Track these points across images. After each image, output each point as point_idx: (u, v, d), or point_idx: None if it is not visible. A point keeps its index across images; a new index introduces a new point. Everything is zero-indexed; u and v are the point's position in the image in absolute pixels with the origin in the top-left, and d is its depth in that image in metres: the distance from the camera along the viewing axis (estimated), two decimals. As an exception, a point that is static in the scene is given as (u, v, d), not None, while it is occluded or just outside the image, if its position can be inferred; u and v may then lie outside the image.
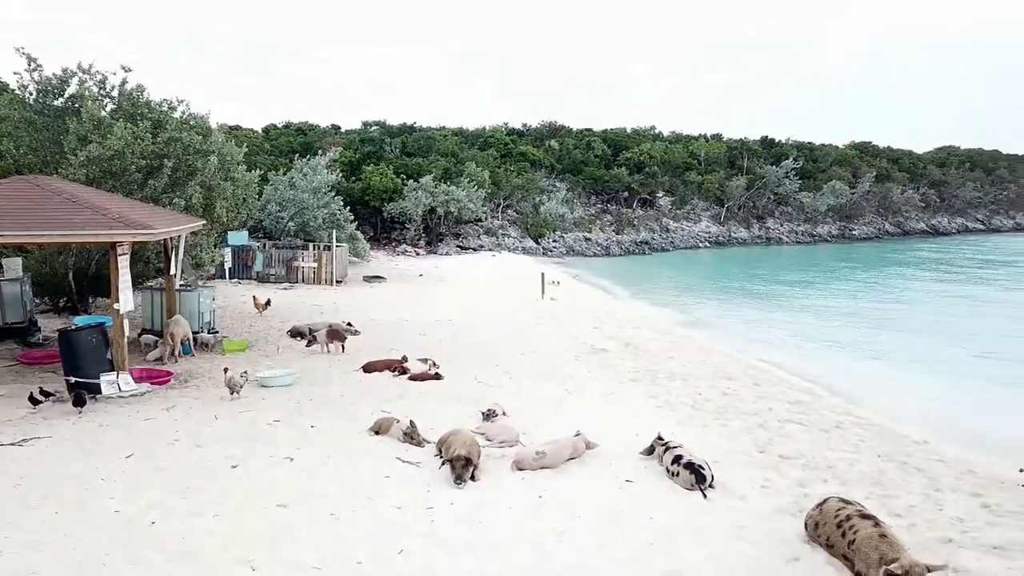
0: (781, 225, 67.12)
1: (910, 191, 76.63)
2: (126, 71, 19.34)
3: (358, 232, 38.57)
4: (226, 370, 13.52)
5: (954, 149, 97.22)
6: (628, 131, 78.24)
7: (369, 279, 32.73)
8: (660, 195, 64.50)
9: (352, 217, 37.99)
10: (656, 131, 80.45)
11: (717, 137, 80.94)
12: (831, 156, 78.38)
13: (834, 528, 7.71)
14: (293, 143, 56.83)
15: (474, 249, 49.51)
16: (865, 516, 7.63)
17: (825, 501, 8.23)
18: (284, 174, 36.76)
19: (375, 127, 73.43)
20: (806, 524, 8.25)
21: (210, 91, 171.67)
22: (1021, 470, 11.04)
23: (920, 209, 77.61)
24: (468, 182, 47.84)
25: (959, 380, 18.08)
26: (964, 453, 12.25)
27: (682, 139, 77.20)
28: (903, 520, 8.76)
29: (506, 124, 76.28)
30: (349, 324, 19.27)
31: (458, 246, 49.31)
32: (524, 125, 76.76)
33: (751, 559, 7.65)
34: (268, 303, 22.77)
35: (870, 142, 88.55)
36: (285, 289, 29.00)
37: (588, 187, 62.28)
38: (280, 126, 71.23)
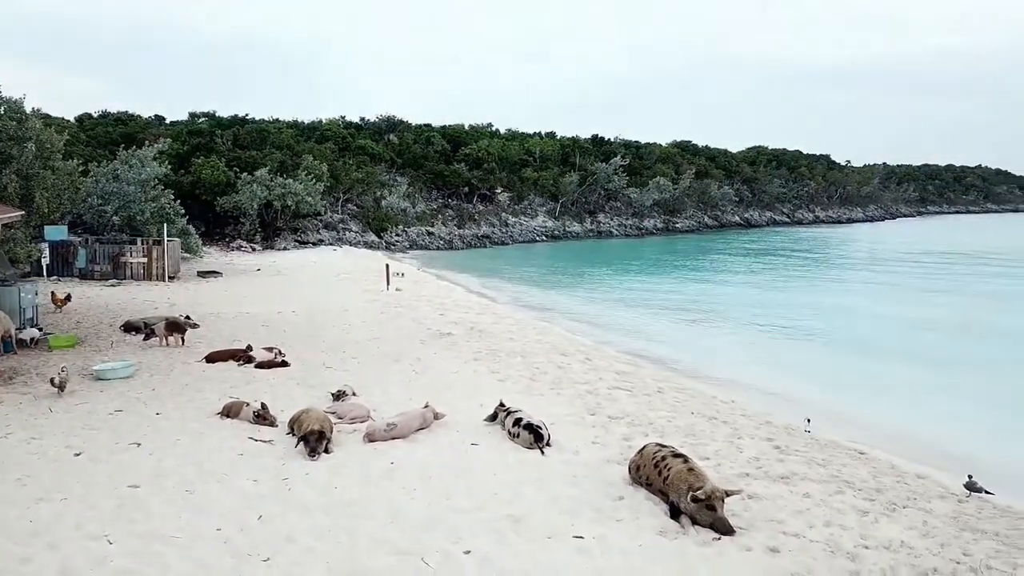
0: (611, 219, 70.78)
1: (726, 187, 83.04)
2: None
3: (190, 227, 37.00)
4: (63, 369, 12.95)
5: (763, 149, 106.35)
6: (466, 127, 79.51)
7: (204, 274, 31.61)
8: (499, 191, 66.19)
9: (183, 211, 36.43)
10: (493, 128, 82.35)
11: (551, 135, 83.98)
12: (655, 154, 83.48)
13: (652, 468, 8.87)
14: (113, 133, 53.28)
15: (313, 244, 48.67)
16: (677, 455, 8.85)
17: (644, 447, 9.42)
18: (106, 166, 34.59)
19: (203, 118, 70.05)
20: (629, 468, 9.40)
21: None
22: (807, 420, 12.91)
23: (735, 203, 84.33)
24: (306, 175, 46.98)
25: (761, 347, 20.46)
26: (763, 408, 14.14)
27: (518, 137, 79.47)
28: (711, 461, 10.15)
29: (343, 117, 75.25)
30: (187, 317, 18.80)
31: (297, 241, 48.28)
32: (362, 119, 76.06)
33: (583, 500, 8.66)
34: (68, 298, 21.68)
35: (690, 141, 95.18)
36: (113, 286, 27.49)
37: (429, 182, 62.82)
38: (96, 115, 66.39)
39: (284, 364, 15.03)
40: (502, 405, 11.51)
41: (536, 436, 10.40)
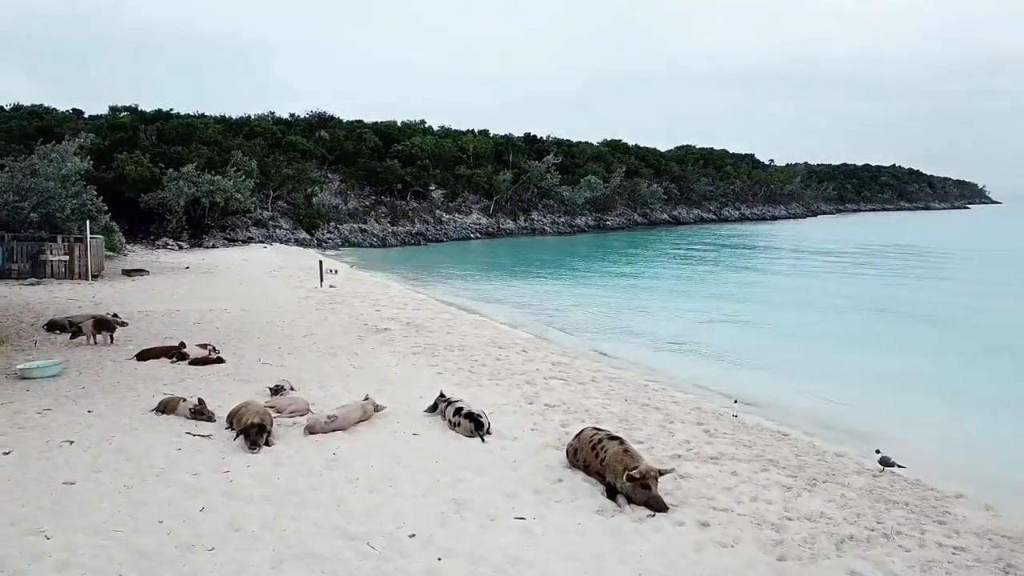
0: (545, 217, 71.54)
1: (655, 185, 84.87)
2: None
3: (113, 224, 35.85)
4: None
5: (691, 148, 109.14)
6: (399, 124, 79.09)
7: (129, 272, 30.73)
8: (433, 188, 66.10)
9: (106, 208, 35.25)
10: (426, 125, 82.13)
11: (484, 133, 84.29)
12: (587, 153, 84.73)
13: (589, 451, 9.21)
14: (27, 127, 51.10)
15: (243, 242, 47.75)
16: (613, 438, 9.21)
17: (582, 431, 9.76)
18: (23, 160, 33.19)
19: (125, 113, 67.78)
20: (567, 452, 9.72)
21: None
22: (735, 401, 13.50)
23: (664, 201, 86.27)
24: (235, 172, 46.04)
25: (691, 336, 21.15)
26: (692, 395, 14.70)
27: (451, 134, 79.49)
28: (644, 445, 10.56)
29: (272, 113, 73.92)
30: (115, 315, 18.34)
31: (226, 238, 47.26)
32: (292, 115, 74.84)
33: (523, 484, 8.93)
34: None
35: (620, 140, 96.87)
36: (32, 285, 26.49)
37: (361, 179, 62.28)
38: (8, 108, 63.53)
39: (219, 360, 14.86)
40: (442, 396, 11.69)
41: (477, 424, 10.63)
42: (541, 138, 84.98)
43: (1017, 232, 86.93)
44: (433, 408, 11.63)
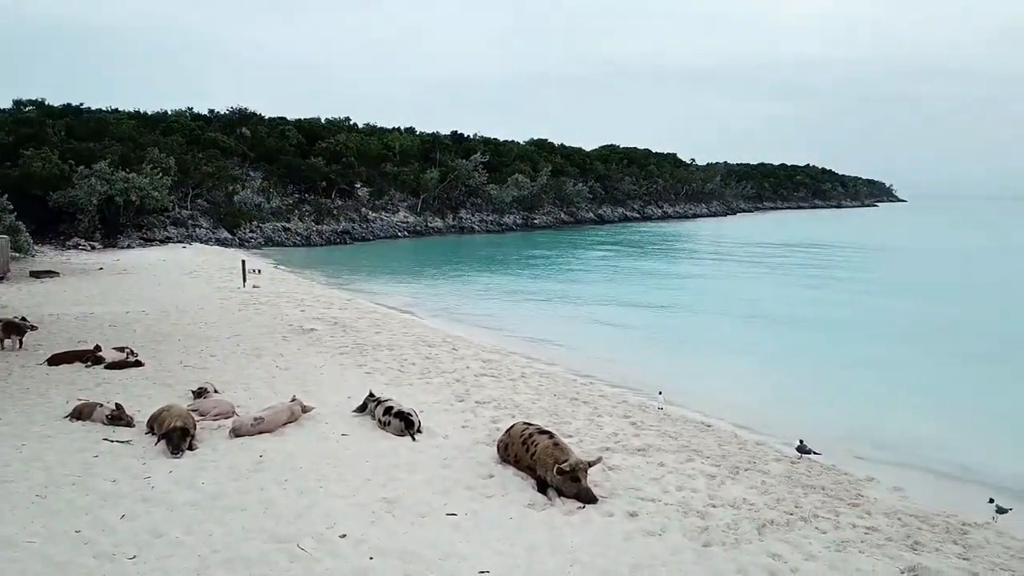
0: (472, 215, 71.46)
1: (581, 184, 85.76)
2: None
3: (20, 224, 34.10)
4: None
5: (615, 148, 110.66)
6: (323, 121, 77.70)
7: (38, 274, 29.25)
8: (358, 186, 65.16)
9: (11, 207, 33.51)
10: (351, 122, 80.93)
11: (410, 131, 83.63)
12: (514, 152, 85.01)
13: (520, 446, 9.30)
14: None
15: (161, 242, 46.05)
16: (543, 432, 9.33)
17: (512, 426, 9.85)
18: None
19: (31, 107, 64.48)
20: (498, 448, 9.80)
21: None
22: (660, 393, 13.83)
23: (589, 200, 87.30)
24: (151, 169, 44.39)
25: (618, 333, 21.56)
26: (619, 388, 15.01)
27: (377, 131, 78.57)
28: (574, 438, 10.73)
29: (190, 109, 71.55)
30: (23, 319, 17.46)
31: (142, 239, 45.49)
32: (211, 111, 72.61)
33: (455, 480, 8.96)
34: None
35: (546, 139, 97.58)
36: (-71, 288, 24.97)
37: (285, 176, 60.90)
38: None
39: (138, 364, 14.35)
40: (372, 395, 11.60)
41: (407, 423, 10.59)
42: (468, 136, 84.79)
43: (919, 229, 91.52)
44: (362, 408, 11.52)
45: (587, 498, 8.40)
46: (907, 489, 10.15)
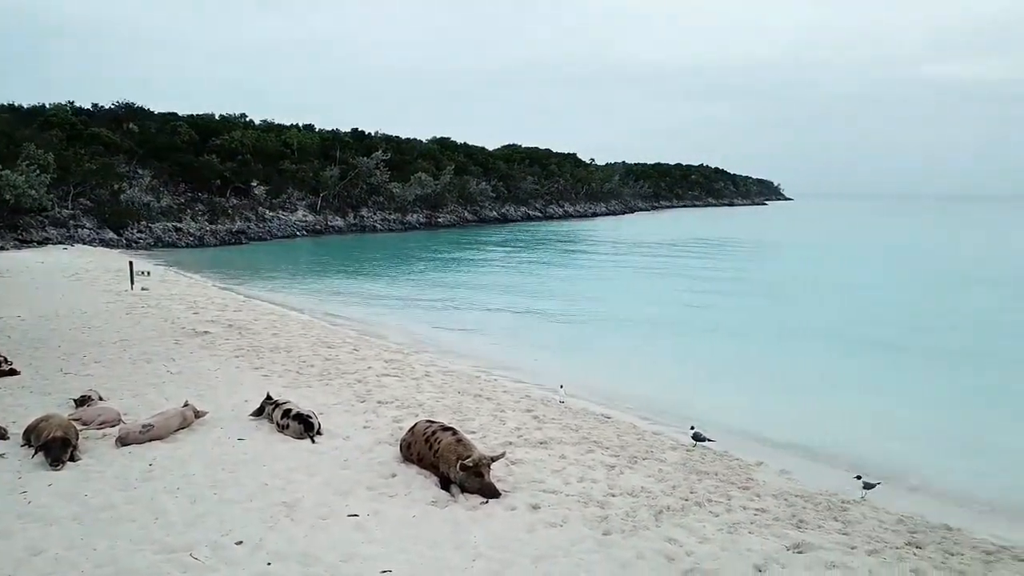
0: (374, 214, 70.53)
1: (484, 183, 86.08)
2: None
3: None
4: None
5: (517, 147, 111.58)
6: (216, 117, 74.95)
7: None
8: (255, 184, 63.19)
9: None
10: (247, 119, 78.39)
11: (309, 128, 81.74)
12: (416, 149, 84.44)
13: (423, 444, 9.26)
14: None
15: (39, 243, 43.29)
16: (446, 429, 9.32)
17: (415, 425, 9.79)
18: None
19: None
20: (401, 447, 9.72)
21: None
22: (561, 386, 14.06)
23: (493, 199, 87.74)
24: (27, 166, 41.67)
25: (521, 329, 21.77)
26: (522, 384, 15.16)
27: (274, 128, 76.41)
28: (477, 435, 10.76)
29: (72, 103, 67.55)
30: None
31: (17, 240, 42.64)
32: (95, 105, 68.78)
33: (356, 481, 8.83)
34: None
35: (449, 138, 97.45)
36: None
37: (176, 174, 58.40)
38: None
39: (12, 372, 13.43)
40: (269, 398, 11.28)
41: (307, 425, 10.36)
42: (369, 134, 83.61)
43: (806, 225, 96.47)
44: (259, 411, 11.19)
45: (490, 493, 8.45)
46: (793, 472, 10.70)
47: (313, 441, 10.22)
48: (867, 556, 7.52)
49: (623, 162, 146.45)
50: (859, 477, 9.89)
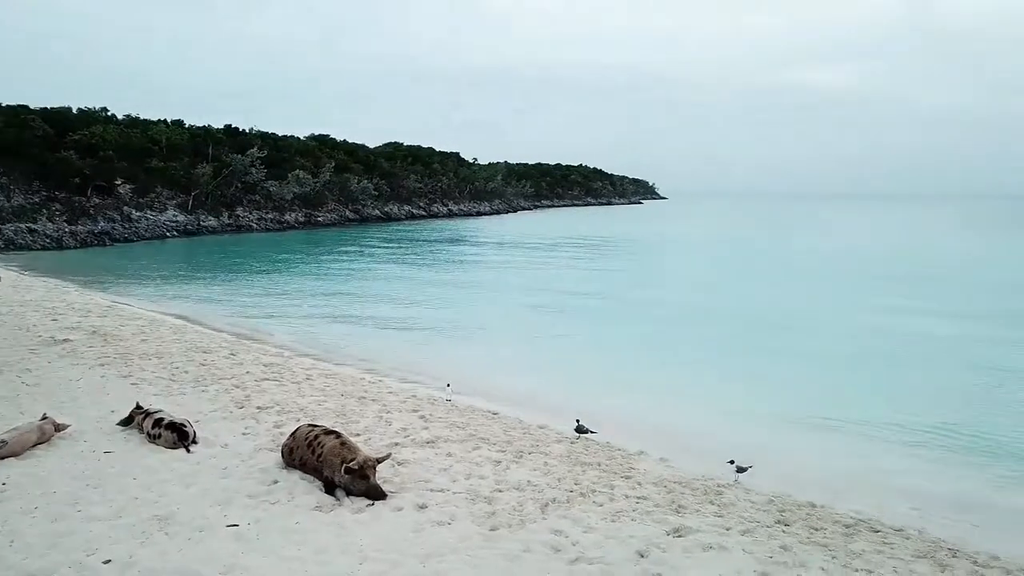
0: (251, 213, 68.00)
1: (365, 181, 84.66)
2: None
3: None
4: None
5: (399, 145, 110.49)
6: (74, 111, 70.10)
7: None
8: (119, 182, 59.54)
9: None
10: (109, 113, 73.78)
11: (178, 123, 77.89)
12: (294, 147, 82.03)
13: (306, 448, 9.02)
14: None
15: None
16: (329, 432, 9.12)
17: (297, 429, 9.53)
18: None
19: None
20: (282, 453, 9.43)
21: None
22: (448, 384, 14.06)
23: (375, 198, 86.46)
24: None
25: (399, 328, 21.59)
26: (408, 384, 15.06)
27: (139, 123, 72.28)
28: (362, 437, 10.60)
29: (-97, 93, 61.46)
30: None
31: None
32: (-69, 96, 62.88)
33: (235, 490, 8.50)
34: None
35: (328, 135, 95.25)
36: None
37: (29, 172, 54.18)
38: None
39: None
40: (139, 407, 10.68)
41: (180, 434, 9.88)
42: (244, 131, 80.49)
43: (681, 222, 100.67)
44: (128, 421, 10.58)
45: (376, 494, 8.34)
46: (672, 459, 11.13)
47: (188, 451, 9.76)
48: (741, 536, 7.94)
49: (505, 162, 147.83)
50: (732, 462, 10.42)
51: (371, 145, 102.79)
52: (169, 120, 77.15)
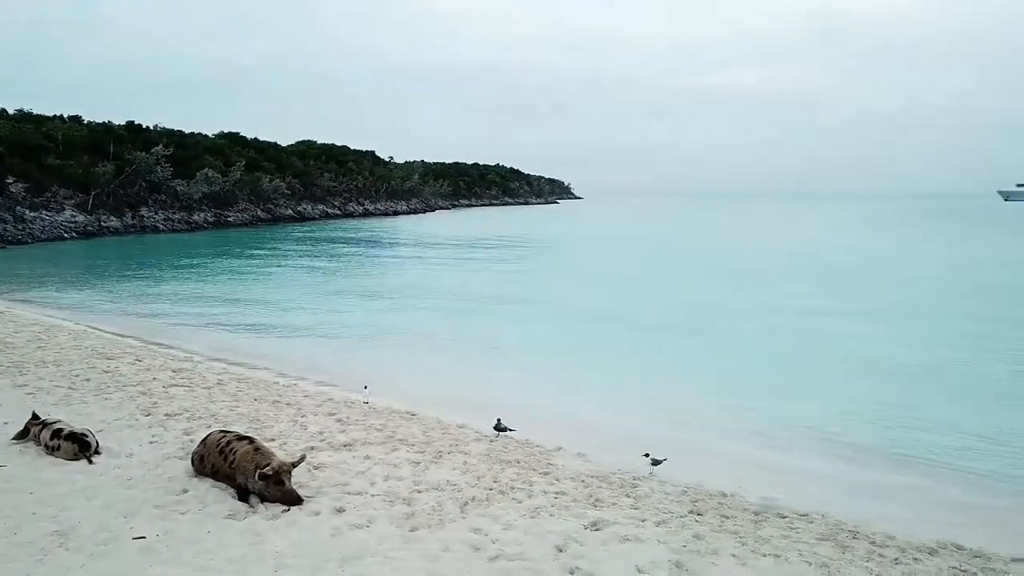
0: (156, 213, 65.44)
1: (278, 180, 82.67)
2: None
3: None
4: None
5: (312, 143, 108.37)
6: (-41, 106, 65.89)
7: None
8: (11, 181, 56.25)
9: None
10: (-2, 107, 69.64)
11: (76, 119, 74.19)
12: (202, 145, 79.38)
13: (217, 455, 8.76)
14: None
15: None
16: (242, 438, 8.88)
17: (208, 436, 9.24)
18: None
19: None
20: (192, 461, 9.12)
21: None
22: (366, 386, 13.90)
23: (288, 197, 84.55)
24: None
25: (314, 329, 21.21)
26: (324, 387, 14.81)
27: (33, 119, 68.51)
28: (277, 441, 10.37)
29: None
30: None
31: None
32: None
33: (142, 500, 8.16)
34: None
35: (239, 133, 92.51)
36: None
37: (-93, 169, 50.60)
38: None
39: None
40: (35, 418, 10.13)
41: (81, 444, 9.42)
42: (148, 127, 77.36)
43: (593, 223, 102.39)
44: (24, 434, 10.02)
45: (292, 499, 8.17)
46: (589, 454, 11.31)
47: (90, 462, 9.32)
48: (656, 527, 8.15)
49: (422, 161, 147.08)
50: (647, 455, 10.67)
51: (284, 143, 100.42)
52: (66, 116, 73.47)
